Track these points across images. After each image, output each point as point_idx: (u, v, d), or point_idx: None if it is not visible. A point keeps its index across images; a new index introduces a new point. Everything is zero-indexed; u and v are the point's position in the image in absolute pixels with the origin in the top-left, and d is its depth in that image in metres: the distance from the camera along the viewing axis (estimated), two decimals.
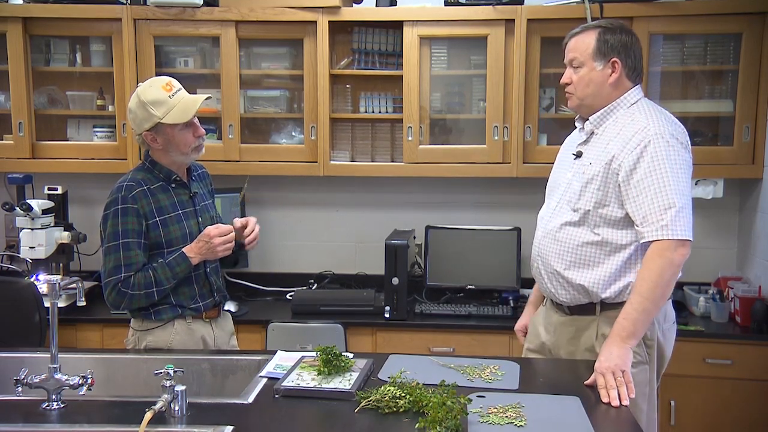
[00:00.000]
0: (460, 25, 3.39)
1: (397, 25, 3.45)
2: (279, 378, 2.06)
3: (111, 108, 3.61)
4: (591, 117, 2.32)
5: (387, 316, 3.30)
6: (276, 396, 1.96)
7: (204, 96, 2.39)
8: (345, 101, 3.67)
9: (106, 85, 3.61)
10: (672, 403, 3.14)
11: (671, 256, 2.10)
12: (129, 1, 3.47)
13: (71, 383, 1.87)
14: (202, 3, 3.42)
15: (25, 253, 3.37)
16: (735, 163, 3.36)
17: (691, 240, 2.13)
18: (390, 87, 3.60)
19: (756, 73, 3.29)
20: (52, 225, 3.45)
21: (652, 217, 2.12)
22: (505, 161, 3.43)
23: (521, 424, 1.77)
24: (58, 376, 1.87)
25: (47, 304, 1.99)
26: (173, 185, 2.44)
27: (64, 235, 3.46)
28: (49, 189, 3.57)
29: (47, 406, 1.88)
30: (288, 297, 3.64)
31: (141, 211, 2.34)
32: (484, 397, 1.93)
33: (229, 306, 3.29)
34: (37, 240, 3.37)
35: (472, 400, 1.86)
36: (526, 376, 2.12)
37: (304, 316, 3.34)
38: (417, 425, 1.74)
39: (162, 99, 2.31)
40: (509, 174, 3.44)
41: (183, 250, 2.38)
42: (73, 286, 2.10)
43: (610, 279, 2.24)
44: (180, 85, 2.38)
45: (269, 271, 3.85)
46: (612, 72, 2.26)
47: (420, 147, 3.47)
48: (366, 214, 3.85)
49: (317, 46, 3.43)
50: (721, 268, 3.57)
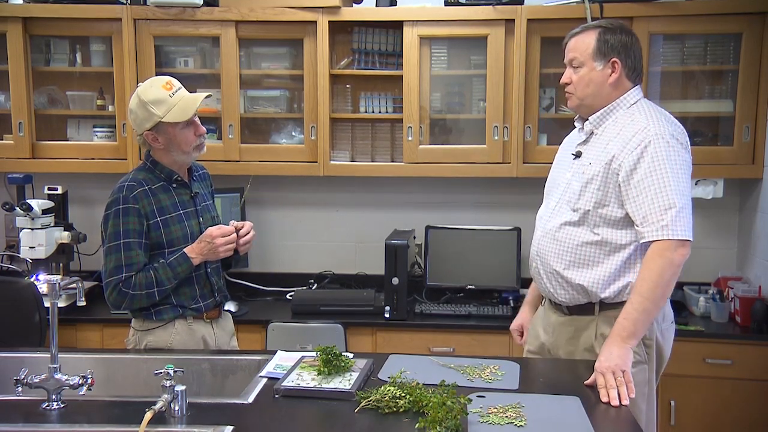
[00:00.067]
0: (460, 25, 3.39)
1: (397, 25, 3.45)
2: (279, 378, 2.06)
3: (111, 108, 3.61)
4: (591, 117, 2.32)
5: (387, 316, 3.30)
6: (276, 396, 1.96)
7: (204, 94, 2.39)
8: (345, 101, 3.67)
9: (106, 85, 3.61)
10: (672, 403, 3.14)
11: (671, 256, 2.10)
12: (129, 1, 3.47)
13: (71, 383, 1.87)
14: (202, 3, 3.42)
15: (25, 253, 3.38)
16: (735, 163, 3.36)
17: (691, 240, 2.14)
18: (390, 87, 3.60)
19: (756, 73, 3.29)
20: (52, 225, 3.45)
21: (652, 217, 2.13)
22: (505, 161, 3.43)
23: (521, 424, 1.77)
24: (58, 376, 1.87)
25: (47, 304, 1.99)
26: (174, 185, 2.44)
27: (64, 235, 3.46)
28: (49, 189, 3.57)
29: (47, 406, 1.87)
30: (288, 297, 3.64)
31: (142, 211, 2.33)
32: (484, 397, 1.93)
33: (229, 306, 3.29)
34: (37, 240, 3.37)
35: (472, 400, 1.86)
36: (526, 376, 2.12)
37: (304, 316, 3.34)
38: (417, 425, 1.74)
39: (162, 98, 2.31)
40: (509, 174, 3.44)
41: (184, 250, 2.38)
42: (73, 286, 2.10)
43: (609, 279, 2.24)
44: (180, 84, 2.38)
45: (269, 271, 3.85)
46: (612, 72, 2.26)
47: (420, 147, 3.47)
48: (366, 214, 3.85)
49: (317, 46, 3.43)
50: (721, 268, 3.57)
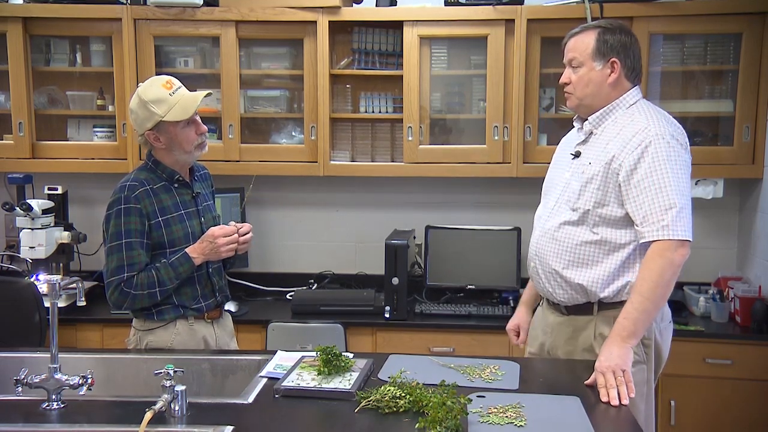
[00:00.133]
0: (460, 25, 3.39)
1: (397, 25, 3.45)
2: (279, 378, 2.06)
3: (111, 108, 3.61)
4: (590, 117, 2.32)
5: (387, 316, 3.30)
6: (276, 396, 1.96)
7: (204, 92, 2.39)
8: (345, 101, 3.67)
9: (106, 85, 3.61)
10: (672, 403, 3.14)
11: (672, 257, 2.10)
12: (129, 1, 3.47)
13: (71, 383, 1.87)
14: (202, 3, 3.42)
15: (25, 253, 3.38)
16: (735, 163, 3.36)
17: (691, 240, 2.14)
18: (390, 87, 3.60)
19: (756, 73, 3.29)
20: (52, 225, 3.45)
21: (652, 217, 2.13)
22: (505, 161, 3.43)
23: (521, 424, 1.77)
24: (58, 376, 1.87)
25: (47, 304, 1.99)
26: (176, 185, 2.44)
27: (64, 235, 3.46)
28: (49, 189, 3.57)
29: (47, 406, 1.88)
30: (288, 297, 3.64)
31: (144, 211, 2.33)
32: (484, 397, 1.93)
33: (229, 306, 3.29)
34: (37, 240, 3.37)
35: (472, 400, 1.86)
36: (526, 376, 2.12)
37: (304, 316, 3.34)
38: (417, 425, 1.74)
39: (163, 97, 2.31)
40: (509, 174, 3.44)
41: (186, 250, 2.38)
42: (73, 286, 2.10)
43: (608, 278, 2.24)
44: (180, 83, 2.38)
45: (269, 271, 3.85)
46: (611, 72, 2.26)
47: (420, 147, 3.47)
48: (366, 214, 3.85)
49: (317, 46, 3.43)
50: (721, 268, 3.57)
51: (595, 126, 2.31)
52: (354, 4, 3.59)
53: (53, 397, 1.88)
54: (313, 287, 3.73)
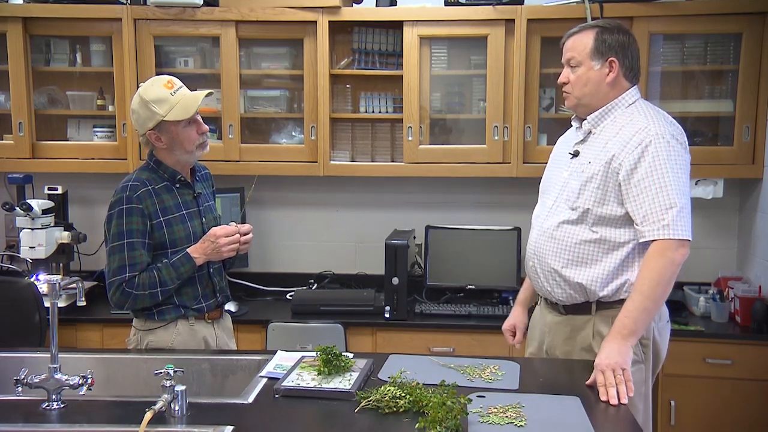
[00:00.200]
0: (460, 25, 3.39)
1: (397, 25, 3.45)
2: (279, 378, 2.06)
3: (111, 108, 3.61)
4: (589, 116, 2.32)
5: (387, 316, 3.30)
6: (276, 396, 1.96)
7: (205, 92, 2.39)
8: (345, 101, 3.67)
9: (106, 85, 3.61)
10: (672, 403, 3.14)
11: (672, 256, 2.11)
12: (129, 1, 3.47)
13: (71, 383, 1.87)
14: (202, 3, 3.42)
15: (25, 253, 3.38)
16: (735, 163, 3.36)
17: (691, 240, 2.14)
18: (390, 87, 3.60)
19: (756, 73, 3.29)
20: (52, 225, 3.45)
21: (653, 217, 2.13)
22: (505, 161, 3.44)
23: (521, 424, 1.77)
24: (58, 376, 1.87)
25: (47, 304, 1.99)
26: (177, 185, 2.44)
27: (64, 235, 3.46)
28: (49, 189, 3.57)
29: (47, 406, 1.88)
30: (288, 297, 3.64)
31: (146, 211, 2.33)
32: (484, 397, 1.93)
33: (229, 306, 3.29)
34: (37, 240, 3.37)
35: (472, 400, 1.86)
36: (526, 376, 2.12)
37: (304, 316, 3.34)
38: (417, 425, 1.74)
39: (164, 97, 2.31)
40: (509, 174, 3.44)
41: (188, 250, 2.38)
42: (73, 286, 2.10)
43: (607, 277, 2.24)
44: (181, 83, 2.38)
45: (269, 271, 3.85)
46: (609, 71, 2.26)
47: (420, 147, 3.47)
48: (366, 214, 3.85)
49: (317, 46, 3.43)
50: (721, 268, 3.57)
51: (593, 125, 2.31)
52: (354, 4, 3.59)
53: (53, 397, 1.88)
54: (313, 287, 3.73)
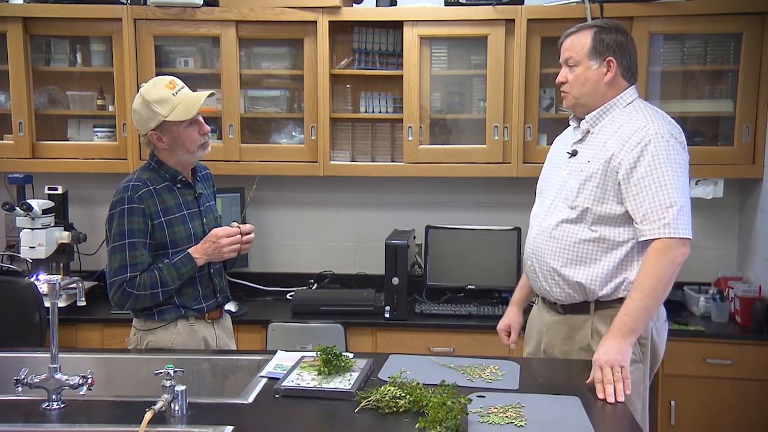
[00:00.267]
0: (460, 25, 3.39)
1: (397, 25, 3.45)
2: (279, 378, 2.06)
3: (111, 108, 3.61)
4: (587, 116, 2.32)
5: (387, 316, 3.30)
6: (276, 396, 1.96)
7: (207, 92, 2.39)
8: (345, 101, 3.67)
9: (107, 85, 3.61)
10: (672, 403, 3.14)
11: (673, 255, 2.11)
12: (129, 1, 3.47)
13: (71, 383, 1.87)
14: (202, 3, 3.42)
15: (25, 253, 3.38)
16: (735, 163, 3.36)
17: (692, 239, 2.15)
18: (390, 87, 3.60)
19: (756, 73, 3.29)
20: (53, 225, 3.45)
21: (653, 216, 2.13)
22: (505, 161, 3.44)
23: (521, 424, 1.77)
24: (58, 376, 1.87)
25: (47, 304, 1.99)
26: (179, 185, 2.44)
27: (64, 235, 3.46)
28: (49, 189, 3.57)
29: (47, 406, 1.88)
30: (288, 297, 3.64)
31: (147, 211, 2.33)
32: (484, 397, 1.93)
33: (229, 306, 3.29)
34: (37, 240, 3.37)
35: (472, 400, 1.86)
36: (526, 376, 2.12)
37: (304, 316, 3.34)
38: (417, 425, 1.74)
39: (166, 97, 2.31)
40: (509, 174, 3.44)
41: (189, 251, 2.38)
42: (73, 286, 2.10)
43: (607, 276, 2.24)
44: (183, 83, 2.38)
45: (269, 271, 3.85)
46: (607, 71, 2.27)
47: (420, 147, 3.47)
48: (366, 214, 3.85)
49: (317, 46, 3.43)
50: (721, 268, 3.57)
51: (592, 125, 2.32)
52: (354, 4, 3.59)
53: (53, 397, 1.88)
54: (313, 287, 3.73)
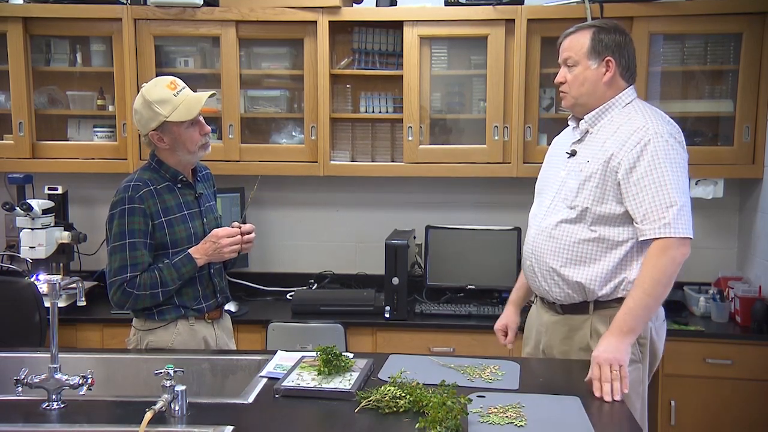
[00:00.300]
0: (460, 25, 3.39)
1: (397, 25, 3.45)
2: (279, 378, 2.06)
3: (111, 108, 3.61)
4: (586, 116, 2.32)
5: (387, 316, 3.30)
6: (276, 396, 1.96)
7: (208, 93, 2.39)
8: (345, 101, 3.67)
9: (107, 85, 3.61)
10: (672, 403, 3.14)
11: (674, 254, 2.11)
12: (129, 1, 3.47)
13: (71, 383, 1.87)
14: (202, 3, 3.42)
15: (25, 252, 3.38)
16: (735, 163, 3.36)
17: (692, 238, 2.15)
18: (390, 87, 3.60)
19: (756, 73, 3.29)
20: (53, 225, 3.45)
21: (653, 215, 2.13)
22: (505, 161, 3.44)
23: (521, 424, 1.77)
24: (58, 376, 1.87)
25: (47, 304, 1.99)
26: (179, 186, 2.44)
27: (64, 235, 3.46)
28: (49, 189, 3.57)
29: (47, 406, 1.88)
30: (288, 297, 3.64)
31: (147, 211, 2.33)
32: (484, 397, 1.94)
33: (229, 306, 3.29)
34: (37, 240, 3.37)
35: (472, 400, 1.86)
36: (526, 376, 2.12)
37: (304, 316, 3.34)
38: (417, 425, 1.74)
39: (167, 97, 2.31)
40: (509, 174, 3.44)
41: (189, 251, 2.38)
42: (74, 286, 2.10)
43: (606, 276, 2.24)
44: (184, 84, 2.38)
45: (269, 271, 3.85)
46: (606, 71, 2.27)
47: (420, 147, 3.47)
48: (366, 214, 3.85)
49: (317, 46, 3.43)
50: (721, 268, 3.57)
51: (591, 125, 2.32)
52: (354, 4, 3.59)
53: (53, 397, 1.88)
54: (313, 287, 3.73)
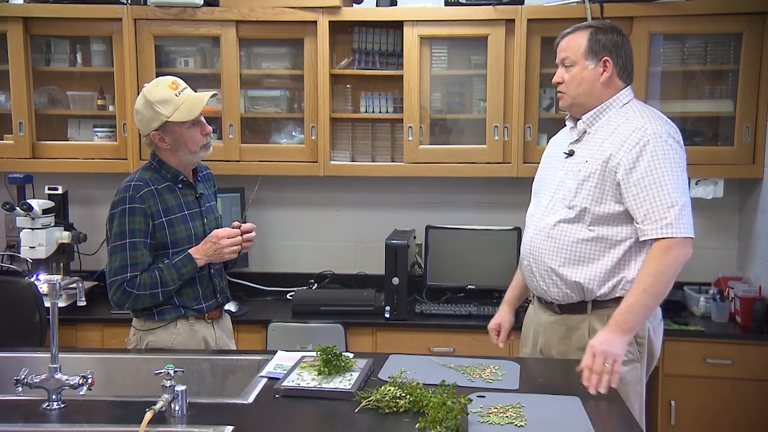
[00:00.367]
0: (460, 25, 3.39)
1: (397, 25, 3.45)
2: (279, 378, 2.06)
3: (111, 108, 3.61)
4: (584, 116, 2.32)
5: (387, 316, 3.30)
6: (276, 396, 1.96)
7: (210, 93, 2.39)
8: (345, 101, 3.67)
9: (107, 85, 3.61)
10: (672, 403, 3.14)
11: (676, 254, 2.11)
12: (129, 1, 3.47)
13: (71, 383, 1.87)
14: (202, 3, 3.42)
15: (25, 252, 3.38)
16: (735, 163, 3.36)
17: (694, 237, 2.15)
18: (390, 87, 3.60)
19: (756, 73, 3.29)
20: (53, 225, 3.45)
21: (654, 215, 2.13)
22: (505, 161, 3.44)
23: (521, 424, 1.77)
24: (58, 376, 1.87)
25: (47, 304, 1.99)
26: (180, 186, 2.44)
27: (64, 235, 3.46)
28: (49, 189, 3.57)
29: (47, 406, 1.88)
30: (288, 297, 3.64)
31: (148, 211, 2.33)
32: (485, 397, 1.94)
33: (229, 306, 3.29)
34: (37, 240, 3.37)
35: (472, 400, 1.86)
36: (526, 376, 2.12)
37: (305, 316, 3.34)
38: (417, 425, 1.74)
39: (168, 98, 2.31)
40: (509, 174, 3.44)
41: (189, 251, 2.38)
42: (74, 285, 2.10)
43: (605, 276, 2.24)
44: (185, 84, 2.38)
45: (269, 271, 3.85)
46: (603, 71, 2.27)
47: (420, 147, 3.47)
48: (366, 214, 3.85)
49: (317, 46, 3.43)
50: (721, 268, 3.57)
51: (588, 125, 2.32)
52: (354, 4, 3.59)
53: (53, 397, 1.88)
54: (314, 287, 3.73)
